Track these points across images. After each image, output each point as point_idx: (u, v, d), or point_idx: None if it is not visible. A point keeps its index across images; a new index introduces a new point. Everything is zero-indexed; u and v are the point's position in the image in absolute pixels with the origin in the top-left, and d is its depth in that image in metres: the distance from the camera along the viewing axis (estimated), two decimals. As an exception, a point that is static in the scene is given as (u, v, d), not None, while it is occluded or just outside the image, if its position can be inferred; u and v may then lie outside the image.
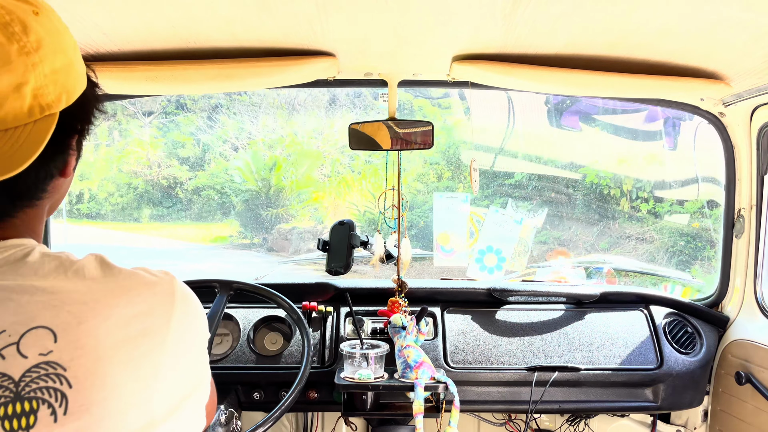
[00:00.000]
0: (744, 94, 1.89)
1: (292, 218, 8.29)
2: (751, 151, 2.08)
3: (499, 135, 6.40)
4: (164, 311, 0.77)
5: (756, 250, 2.12)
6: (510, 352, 2.05)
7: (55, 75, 0.73)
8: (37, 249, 0.77)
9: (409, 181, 7.48)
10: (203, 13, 1.40)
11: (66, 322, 0.70)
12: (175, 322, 0.78)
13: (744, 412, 2.03)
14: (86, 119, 0.83)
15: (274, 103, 8.79)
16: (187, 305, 0.81)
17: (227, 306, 2.09)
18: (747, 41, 1.50)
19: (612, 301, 2.21)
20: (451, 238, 2.47)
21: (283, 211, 8.23)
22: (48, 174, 0.79)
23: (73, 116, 0.78)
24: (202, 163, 8.69)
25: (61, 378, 0.67)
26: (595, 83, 1.77)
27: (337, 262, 2.00)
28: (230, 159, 8.76)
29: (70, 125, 0.79)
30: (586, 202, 6.79)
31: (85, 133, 0.85)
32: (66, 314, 0.70)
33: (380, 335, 2.05)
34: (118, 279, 0.77)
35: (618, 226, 6.68)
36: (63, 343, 0.68)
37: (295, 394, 1.66)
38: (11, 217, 0.78)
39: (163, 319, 0.77)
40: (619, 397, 2.05)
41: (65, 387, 0.67)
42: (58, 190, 0.84)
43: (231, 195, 8.45)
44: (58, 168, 0.80)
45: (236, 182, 8.46)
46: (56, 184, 0.82)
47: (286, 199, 8.26)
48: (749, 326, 2.11)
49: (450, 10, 1.37)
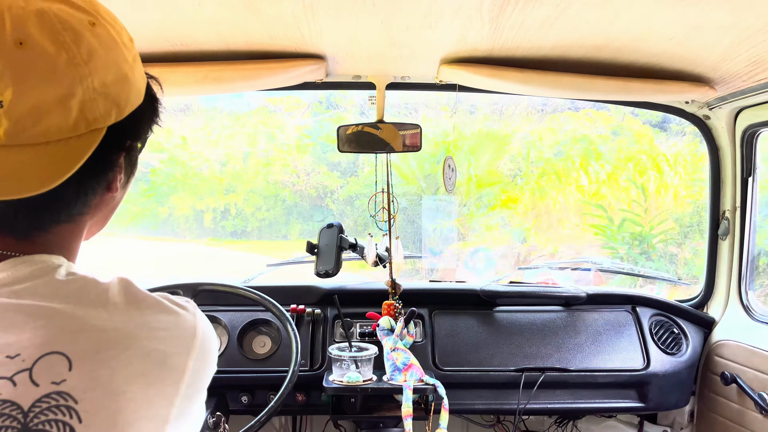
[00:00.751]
0: (728, 97, 1.91)
1: (470, 232, 6.26)
2: (735, 153, 2.10)
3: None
4: (185, 347, 0.73)
5: (740, 251, 2.14)
6: (498, 354, 2.06)
7: (106, 88, 0.70)
8: (63, 267, 0.73)
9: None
10: (190, 15, 1.39)
11: (83, 350, 0.66)
12: (194, 359, 0.74)
13: (730, 412, 2.04)
14: (137, 136, 0.79)
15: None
16: (208, 342, 0.77)
17: (215, 309, 2.08)
18: (730, 45, 1.52)
19: (599, 302, 2.22)
20: (439, 240, 2.48)
21: (459, 224, 6.20)
22: (90, 190, 0.75)
23: (122, 132, 0.74)
24: (354, 168, 7.33)
25: (71, 411, 0.64)
26: (581, 86, 1.79)
27: (326, 264, 1.99)
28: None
29: (118, 141, 0.75)
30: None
31: (135, 150, 0.81)
32: (84, 341, 0.67)
33: (369, 338, 2.05)
34: (141, 307, 0.73)
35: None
36: (77, 372, 0.65)
37: (283, 398, 1.66)
38: (44, 232, 0.74)
39: (182, 357, 0.72)
40: (606, 398, 2.06)
41: (75, 422, 0.64)
42: (104, 207, 0.81)
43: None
44: (101, 185, 0.76)
45: (393, 183, 6.89)
46: (101, 200, 0.78)
47: (462, 204, 6.36)
48: (734, 327, 2.13)
49: (437, 13, 1.37)
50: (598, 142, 6.59)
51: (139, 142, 0.81)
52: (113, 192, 0.79)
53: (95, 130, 0.70)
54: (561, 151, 6.60)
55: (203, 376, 0.76)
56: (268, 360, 2.00)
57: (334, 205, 7.25)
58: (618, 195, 6.15)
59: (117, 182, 0.78)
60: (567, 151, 6.59)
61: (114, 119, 0.72)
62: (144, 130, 0.81)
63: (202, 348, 0.76)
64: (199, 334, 0.76)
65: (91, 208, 0.77)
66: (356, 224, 6.78)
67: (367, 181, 6.86)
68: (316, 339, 2.07)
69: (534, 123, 6.58)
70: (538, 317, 2.17)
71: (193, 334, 0.75)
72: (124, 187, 0.83)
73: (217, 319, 2.06)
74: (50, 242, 0.75)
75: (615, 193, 6.17)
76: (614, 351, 2.08)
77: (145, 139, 0.82)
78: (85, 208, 0.76)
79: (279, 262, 2.57)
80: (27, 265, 0.71)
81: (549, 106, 6.27)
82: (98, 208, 0.79)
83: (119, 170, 0.78)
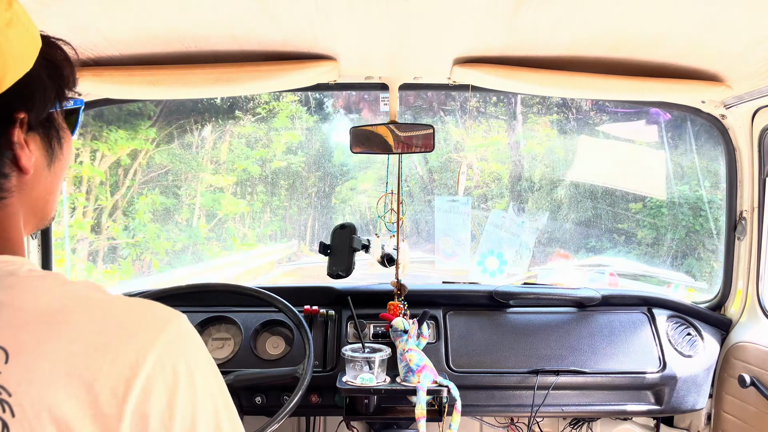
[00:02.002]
0: (745, 96, 1.89)
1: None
2: (753, 153, 2.08)
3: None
4: (147, 341, 0.65)
5: (758, 252, 2.11)
6: (512, 356, 2.05)
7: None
8: (25, 267, 0.69)
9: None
10: (203, 17, 1.40)
11: (22, 342, 0.61)
12: (155, 355, 0.65)
13: (747, 415, 2.02)
14: (32, 106, 0.70)
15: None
16: (181, 344, 0.68)
17: (229, 310, 2.09)
18: (747, 43, 1.50)
19: (614, 303, 2.21)
20: (453, 242, 2.47)
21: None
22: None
23: (6, 104, 0.66)
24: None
25: (4, 404, 0.60)
26: (596, 86, 1.77)
27: (339, 265, 1.99)
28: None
29: (4, 115, 0.67)
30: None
31: (40, 123, 0.72)
32: (25, 334, 0.62)
33: (382, 339, 2.05)
34: (111, 300, 0.67)
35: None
36: (14, 364, 0.61)
37: (298, 399, 1.66)
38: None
39: (140, 354, 0.64)
40: (621, 401, 2.04)
41: (8, 415, 0.60)
42: (28, 191, 0.73)
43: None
44: (5, 165, 0.69)
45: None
46: (19, 183, 0.71)
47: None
48: (752, 329, 2.10)
49: (451, 13, 1.37)
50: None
51: (42, 113, 0.72)
52: (26, 173, 0.71)
53: None
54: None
55: (173, 378, 0.66)
56: (282, 361, 2.00)
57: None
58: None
59: (25, 161, 0.70)
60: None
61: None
62: (43, 98, 0.71)
63: (170, 347, 0.66)
64: (166, 334, 0.67)
65: (11, 192, 0.71)
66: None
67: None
68: (329, 340, 2.07)
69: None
70: (552, 318, 2.15)
71: (157, 333, 0.66)
72: (50, 168, 0.76)
73: (230, 320, 2.07)
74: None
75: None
76: (630, 353, 2.06)
77: (49, 109, 0.73)
78: (4, 193, 0.70)
79: (291, 263, 2.58)
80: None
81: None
82: (21, 192, 0.72)
83: (20, 147, 0.69)
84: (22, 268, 0.69)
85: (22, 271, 0.68)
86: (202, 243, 5.22)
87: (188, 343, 0.69)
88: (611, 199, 4.77)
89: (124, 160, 5.19)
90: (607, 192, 4.64)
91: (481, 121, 5.41)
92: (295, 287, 2.20)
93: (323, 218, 5.29)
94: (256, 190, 5.43)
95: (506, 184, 6.01)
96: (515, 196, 5.63)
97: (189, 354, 0.68)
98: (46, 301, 0.65)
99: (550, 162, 5.36)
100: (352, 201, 5.56)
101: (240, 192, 5.50)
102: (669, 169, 4.08)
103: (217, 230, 5.29)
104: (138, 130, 5.30)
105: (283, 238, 5.43)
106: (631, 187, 4.12)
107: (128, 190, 5.22)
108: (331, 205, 5.27)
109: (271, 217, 5.43)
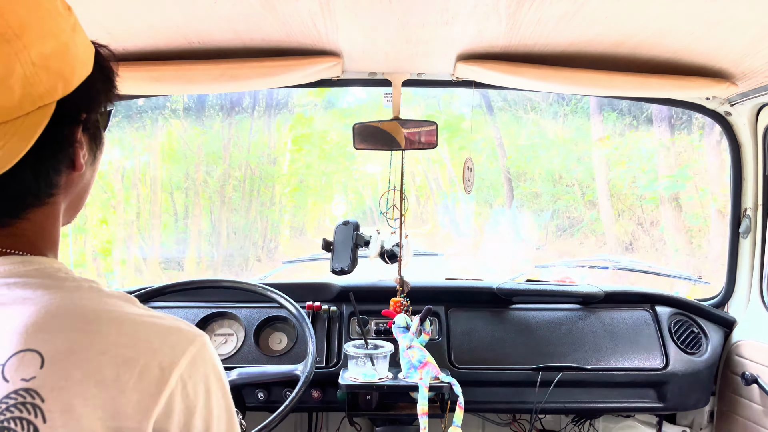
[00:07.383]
0: (750, 93, 1.88)
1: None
2: (757, 150, 2.07)
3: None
4: (173, 359, 0.68)
5: (762, 250, 2.10)
6: (515, 352, 2.05)
7: (46, 61, 0.65)
8: (62, 272, 0.71)
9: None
10: (207, 13, 1.40)
11: (57, 348, 0.63)
12: (178, 373, 0.68)
13: (750, 412, 2.02)
14: (92, 107, 0.75)
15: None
16: (202, 364, 0.71)
17: (232, 306, 2.10)
18: (752, 40, 1.49)
19: (617, 301, 2.20)
20: (455, 238, 2.47)
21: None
22: (52, 169, 0.71)
23: (74, 105, 0.70)
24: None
25: (37, 409, 0.61)
26: (600, 82, 1.77)
27: (342, 262, 1.99)
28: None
29: (71, 115, 0.71)
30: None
31: (92, 123, 0.76)
32: (60, 340, 0.63)
33: (385, 335, 2.05)
34: (141, 316, 0.69)
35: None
36: (48, 370, 0.62)
37: (300, 394, 1.66)
38: (19, 219, 0.71)
39: (165, 371, 0.67)
40: (624, 398, 2.04)
41: (39, 421, 0.61)
42: (73, 187, 0.77)
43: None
44: (63, 163, 0.73)
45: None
46: (68, 179, 0.75)
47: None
48: (756, 327, 2.10)
49: (454, 9, 1.36)
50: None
51: (95, 114, 0.77)
52: (78, 170, 0.75)
53: (43, 106, 0.66)
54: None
55: (196, 398, 0.70)
56: (285, 356, 2.01)
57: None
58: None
59: (80, 159, 0.74)
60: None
61: (62, 93, 0.68)
62: (98, 100, 0.76)
63: (195, 364, 0.70)
64: (190, 354, 0.70)
65: (60, 188, 0.74)
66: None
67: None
68: (332, 336, 2.07)
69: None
70: (555, 315, 2.15)
71: (185, 350, 0.70)
72: (92, 166, 0.80)
73: (233, 316, 2.08)
74: (28, 230, 0.73)
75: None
76: (633, 350, 2.06)
77: (103, 111, 0.78)
78: (52, 189, 0.73)
79: (295, 259, 2.58)
80: (26, 264, 0.70)
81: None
82: (68, 188, 0.76)
83: (80, 146, 0.74)
84: (59, 272, 0.71)
85: (59, 275, 0.70)
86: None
87: (208, 363, 0.73)
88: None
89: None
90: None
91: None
92: (297, 283, 2.20)
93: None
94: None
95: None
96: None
97: (209, 374, 0.72)
98: (81, 309, 0.67)
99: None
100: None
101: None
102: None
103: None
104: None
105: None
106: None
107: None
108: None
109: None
